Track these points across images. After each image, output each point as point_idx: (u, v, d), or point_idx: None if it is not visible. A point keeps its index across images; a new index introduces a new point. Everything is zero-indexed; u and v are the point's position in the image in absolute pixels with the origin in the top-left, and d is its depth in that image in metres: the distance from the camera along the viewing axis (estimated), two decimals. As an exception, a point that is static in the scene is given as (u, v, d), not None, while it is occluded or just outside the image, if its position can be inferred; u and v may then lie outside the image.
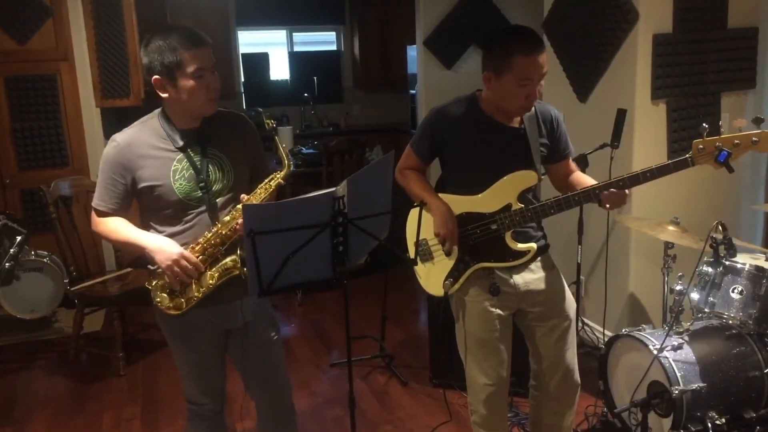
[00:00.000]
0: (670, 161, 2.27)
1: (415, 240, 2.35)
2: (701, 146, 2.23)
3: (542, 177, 2.52)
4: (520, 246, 2.47)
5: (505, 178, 2.42)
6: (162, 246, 2.23)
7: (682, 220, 3.19)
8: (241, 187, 2.34)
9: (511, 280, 2.51)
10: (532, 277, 2.53)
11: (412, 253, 2.58)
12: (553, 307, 2.58)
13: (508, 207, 2.43)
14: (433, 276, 2.58)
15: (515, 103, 2.34)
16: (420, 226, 2.27)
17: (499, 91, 2.33)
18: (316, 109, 8.47)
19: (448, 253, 2.50)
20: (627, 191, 2.32)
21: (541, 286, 2.54)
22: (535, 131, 2.45)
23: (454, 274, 2.52)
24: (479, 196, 2.47)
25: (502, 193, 2.44)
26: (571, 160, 2.63)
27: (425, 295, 3.83)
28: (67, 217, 4.32)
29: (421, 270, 2.62)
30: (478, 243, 2.48)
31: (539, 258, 2.55)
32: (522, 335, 2.68)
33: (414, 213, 2.58)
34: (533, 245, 2.48)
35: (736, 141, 2.20)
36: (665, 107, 3.68)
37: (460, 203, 2.49)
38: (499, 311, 2.53)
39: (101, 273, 4.50)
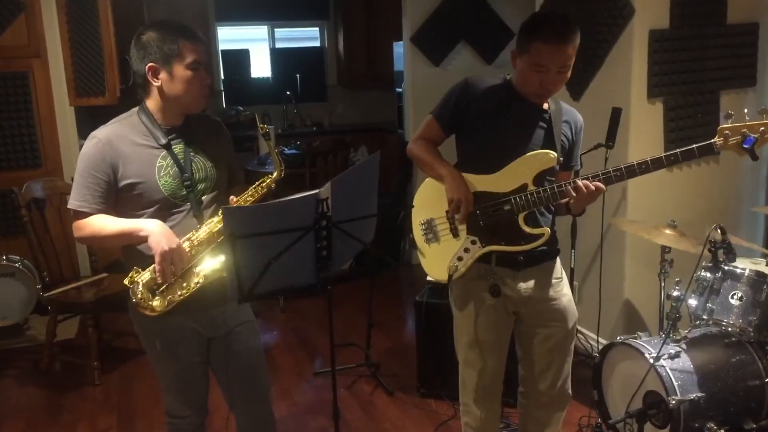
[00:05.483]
0: (694, 146, 2.24)
1: (420, 220, 2.43)
2: (727, 131, 2.22)
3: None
4: (534, 230, 2.37)
5: (521, 157, 2.35)
6: (164, 230, 2.15)
7: (680, 224, 3.15)
8: (222, 186, 2.35)
9: (515, 284, 2.44)
10: (535, 284, 2.46)
11: (416, 235, 2.53)
12: (552, 317, 2.52)
13: (523, 187, 2.34)
14: (437, 258, 2.46)
15: (530, 87, 2.33)
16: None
17: (519, 70, 2.35)
18: (299, 107, 8.36)
19: (461, 222, 2.39)
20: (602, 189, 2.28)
21: (544, 293, 2.48)
22: (559, 120, 2.43)
23: (461, 256, 2.41)
24: (494, 175, 2.38)
25: (518, 173, 2.35)
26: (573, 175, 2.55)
27: (412, 301, 3.74)
28: (39, 220, 4.24)
29: (426, 251, 2.51)
30: (489, 224, 2.38)
31: (546, 263, 2.48)
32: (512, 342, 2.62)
33: (424, 186, 2.52)
34: (546, 229, 2.38)
35: (762, 128, 2.20)
36: (662, 106, 3.63)
37: (474, 182, 2.39)
38: (500, 312, 2.46)
39: (75, 278, 4.41)
